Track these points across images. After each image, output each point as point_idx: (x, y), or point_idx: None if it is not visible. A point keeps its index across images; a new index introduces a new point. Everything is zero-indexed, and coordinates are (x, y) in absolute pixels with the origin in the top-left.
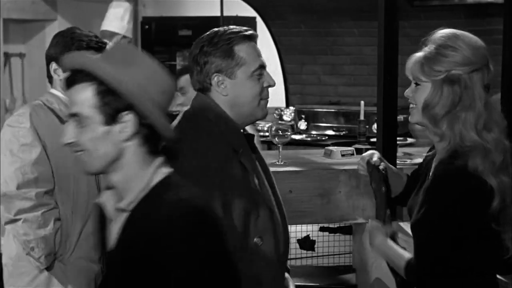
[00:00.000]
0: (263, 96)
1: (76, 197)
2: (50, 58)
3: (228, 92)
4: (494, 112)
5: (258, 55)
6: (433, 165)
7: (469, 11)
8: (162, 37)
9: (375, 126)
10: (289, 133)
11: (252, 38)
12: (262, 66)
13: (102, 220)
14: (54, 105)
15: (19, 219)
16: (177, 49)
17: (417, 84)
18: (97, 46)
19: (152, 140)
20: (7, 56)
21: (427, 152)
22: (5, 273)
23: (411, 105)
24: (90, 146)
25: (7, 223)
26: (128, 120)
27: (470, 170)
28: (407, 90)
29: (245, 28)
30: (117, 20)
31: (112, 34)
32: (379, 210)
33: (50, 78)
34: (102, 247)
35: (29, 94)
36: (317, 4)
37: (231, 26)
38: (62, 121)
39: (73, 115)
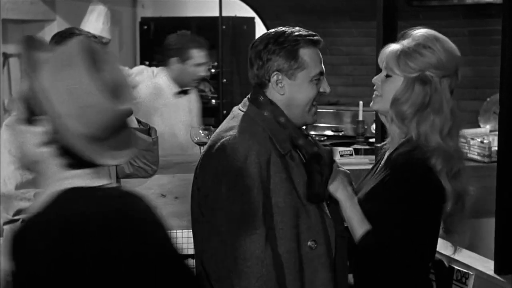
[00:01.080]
0: (315, 101)
1: None
2: None
3: (285, 92)
4: (458, 119)
5: (320, 61)
6: (386, 155)
7: (468, 11)
8: (160, 37)
9: (373, 126)
10: None
11: (318, 44)
12: (322, 73)
13: None
14: None
15: (18, 220)
16: None
17: (388, 75)
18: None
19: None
20: (5, 56)
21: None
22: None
23: (376, 93)
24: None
25: (6, 223)
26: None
27: (430, 166)
28: (376, 78)
29: (312, 32)
30: (91, 23)
31: None
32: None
33: None
34: None
35: None
36: (316, 4)
37: (298, 28)
38: None
39: None
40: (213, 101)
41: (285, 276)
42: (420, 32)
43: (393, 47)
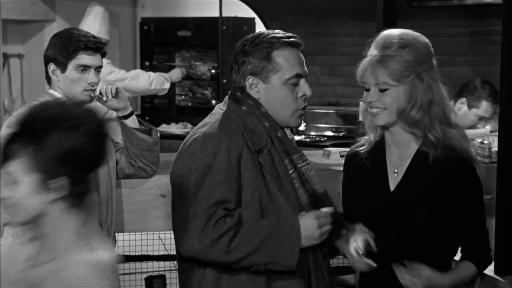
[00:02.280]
0: (298, 106)
1: None
2: (48, 59)
3: (260, 96)
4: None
5: (299, 63)
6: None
7: (468, 12)
8: (161, 38)
9: None
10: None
11: (295, 45)
12: (299, 75)
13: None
14: None
15: None
16: (176, 49)
17: (383, 90)
18: (95, 46)
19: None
20: (6, 57)
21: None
22: None
23: (376, 110)
24: None
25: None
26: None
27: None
28: (370, 96)
29: (290, 34)
30: (88, 24)
31: None
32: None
33: (48, 79)
34: None
35: (28, 95)
36: (315, 5)
37: (277, 31)
38: None
39: None
40: (213, 101)
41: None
42: (390, 36)
43: (375, 60)
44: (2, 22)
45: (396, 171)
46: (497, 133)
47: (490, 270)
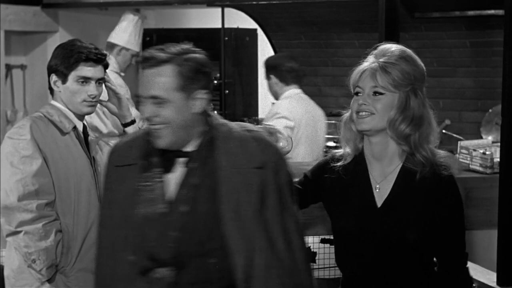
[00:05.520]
0: None
1: (77, 209)
2: (50, 69)
3: None
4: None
5: None
6: (396, 172)
7: (469, 23)
8: None
9: None
10: (290, 144)
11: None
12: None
13: None
14: (54, 117)
15: (20, 231)
16: None
17: (379, 93)
18: (96, 58)
19: None
20: (8, 67)
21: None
22: (7, 285)
23: (364, 113)
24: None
25: (8, 235)
26: None
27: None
28: (363, 99)
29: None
30: (119, 32)
31: (112, 45)
32: None
33: (51, 90)
34: None
35: (30, 106)
36: (318, 16)
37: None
38: (62, 133)
39: None
40: (215, 112)
41: None
42: (393, 47)
43: (371, 66)
44: (5, 33)
45: (378, 186)
46: (499, 144)
47: (492, 281)
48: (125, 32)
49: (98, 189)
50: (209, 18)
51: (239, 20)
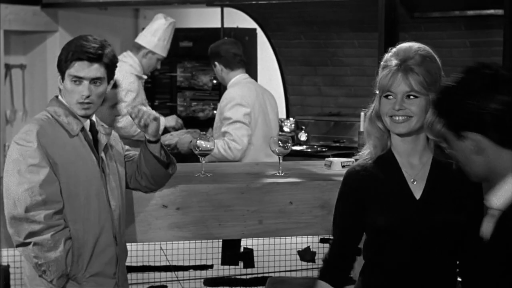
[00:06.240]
0: None
1: (87, 214)
2: (57, 66)
3: None
4: None
5: None
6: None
7: (469, 23)
8: None
9: None
10: (289, 144)
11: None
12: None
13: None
14: (61, 118)
15: (30, 243)
16: (178, 60)
17: (414, 96)
18: (89, 57)
19: None
20: (8, 67)
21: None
22: None
23: (401, 118)
24: None
25: (18, 245)
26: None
27: None
28: (399, 104)
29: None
30: (148, 35)
31: (139, 47)
32: None
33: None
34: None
35: (29, 106)
36: (317, 16)
37: None
38: (70, 135)
39: None
40: (214, 111)
41: None
42: (415, 46)
43: (400, 69)
44: (5, 32)
45: (413, 179)
46: None
47: None
48: (154, 36)
49: (107, 191)
50: (208, 18)
51: (239, 19)
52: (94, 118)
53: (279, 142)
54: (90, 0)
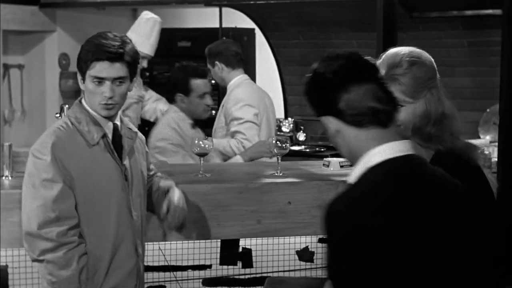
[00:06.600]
0: None
1: (103, 228)
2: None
3: None
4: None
5: None
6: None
7: (467, 23)
8: (161, 48)
9: None
10: (288, 144)
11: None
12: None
13: None
14: (82, 125)
15: (43, 260)
16: (176, 60)
17: (400, 105)
18: (110, 56)
19: None
20: (6, 67)
21: None
22: None
23: None
24: None
25: (33, 261)
26: None
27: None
28: None
29: None
30: (133, 32)
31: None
32: None
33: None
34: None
35: (28, 105)
36: (316, 16)
37: None
38: (89, 145)
39: None
40: (213, 112)
41: None
42: (401, 53)
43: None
44: (3, 32)
45: None
46: (497, 143)
47: None
48: (132, 32)
49: (128, 201)
50: (207, 18)
51: (237, 19)
52: (118, 121)
53: (277, 142)
54: (88, 0)
